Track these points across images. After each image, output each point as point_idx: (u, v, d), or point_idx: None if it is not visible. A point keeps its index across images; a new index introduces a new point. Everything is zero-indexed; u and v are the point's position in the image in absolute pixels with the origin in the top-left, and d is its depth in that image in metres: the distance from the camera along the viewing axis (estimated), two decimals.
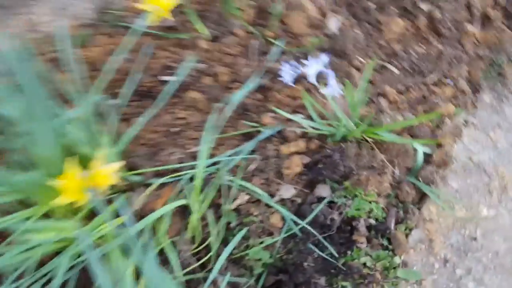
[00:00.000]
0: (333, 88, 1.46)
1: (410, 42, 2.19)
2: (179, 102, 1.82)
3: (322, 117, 1.75)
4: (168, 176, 1.53)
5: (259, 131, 1.62)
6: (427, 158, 1.80)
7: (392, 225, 1.64)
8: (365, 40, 2.13)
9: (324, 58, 1.39)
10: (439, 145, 1.85)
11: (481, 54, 2.18)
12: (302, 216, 1.54)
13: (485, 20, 2.33)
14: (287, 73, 1.67)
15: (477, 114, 1.99)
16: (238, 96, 1.74)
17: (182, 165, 1.57)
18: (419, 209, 1.70)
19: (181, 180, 1.53)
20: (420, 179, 1.74)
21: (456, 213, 1.71)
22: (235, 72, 1.89)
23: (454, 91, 2.03)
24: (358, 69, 1.98)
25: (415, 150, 1.76)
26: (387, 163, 1.71)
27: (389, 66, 2.08)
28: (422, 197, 1.74)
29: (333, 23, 2.11)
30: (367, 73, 1.76)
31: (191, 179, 1.51)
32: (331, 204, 1.59)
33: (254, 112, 1.78)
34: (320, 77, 1.75)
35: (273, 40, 2.00)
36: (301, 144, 1.61)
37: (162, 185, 1.54)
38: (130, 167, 1.60)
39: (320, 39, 1.97)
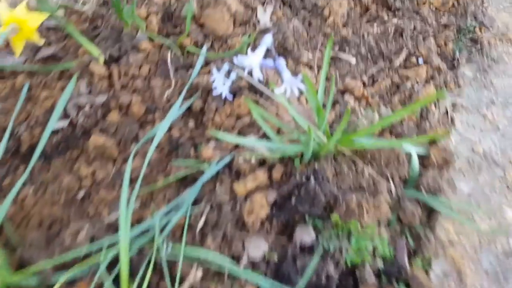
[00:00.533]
0: (289, 82, 1.01)
1: (359, 23, 1.81)
2: (81, 154, 1.35)
3: (281, 132, 1.32)
4: (78, 266, 1.03)
5: (200, 171, 1.14)
6: (423, 160, 1.42)
7: (406, 262, 1.22)
8: (306, 31, 1.73)
9: (267, 39, 0.94)
10: (432, 142, 1.47)
11: (445, 21, 1.84)
12: (286, 280, 1.09)
13: None
14: (221, 83, 1.23)
15: (463, 93, 1.63)
16: (161, 129, 1.28)
17: (96, 244, 1.07)
18: (432, 230, 1.29)
19: (99, 267, 1.03)
20: (423, 189, 1.33)
21: (479, 225, 1.31)
22: (151, 98, 1.43)
23: (429, 71, 1.67)
24: (309, 67, 1.57)
25: (406, 154, 1.35)
26: (378, 177, 1.29)
27: (343, 55, 1.69)
28: (431, 213, 1.35)
29: (264, 16, 1.69)
30: (325, 67, 1.34)
31: (114, 262, 1.02)
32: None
33: (189, 146, 1.33)
34: (268, 76, 1.32)
35: (193, 49, 1.55)
36: (260, 176, 1.19)
37: (73, 282, 1.04)
38: (20, 264, 1.10)
39: (252, 37, 1.54)
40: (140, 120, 1.42)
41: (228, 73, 1.25)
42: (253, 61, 0.90)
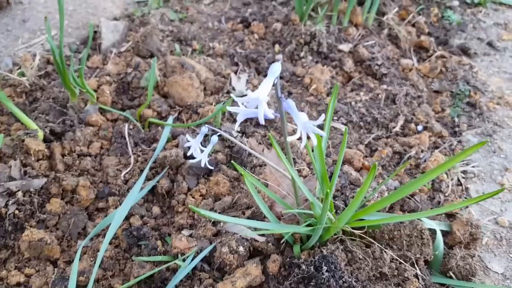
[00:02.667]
0: (305, 127, 0.78)
1: (343, 92, 1.65)
2: (12, 255, 1.08)
3: (273, 210, 1.05)
4: None
5: (171, 269, 0.88)
6: (446, 238, 1.18)
7: None
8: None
9: (275, 69, 0.69)
10: (450, 216, 1.23)
11: (437, 87, 1.71)
12: None
13: (419, 50, 1.90)
14: (199, 150, 0.98)
15: (473, 160, 1.44)
16: (116, 218, 1.00)
17: None
18: None
19: None
20: (452, 274, 1.08)
21: None
22: (103, 180, 1.15)
23: (431, 137, 1.48)
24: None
25: (431, 232, 1.11)
26: (401, 261, 1.02)
27: (333, 124, 1.48)
28: None
29: (239, 84, 1.50)
30: (326, 132, 1.11)
31: None
32: None
33: (154, 237, 1.06)
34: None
35: (155, 120, 1.31)
36: (252, 271, 0.94)
37: None
38: None
39: (228, 104, 1.32)
40: (89, 208, 1.16)
41: (203, 135, 1.01)
42: (261, 93, 0.66)
